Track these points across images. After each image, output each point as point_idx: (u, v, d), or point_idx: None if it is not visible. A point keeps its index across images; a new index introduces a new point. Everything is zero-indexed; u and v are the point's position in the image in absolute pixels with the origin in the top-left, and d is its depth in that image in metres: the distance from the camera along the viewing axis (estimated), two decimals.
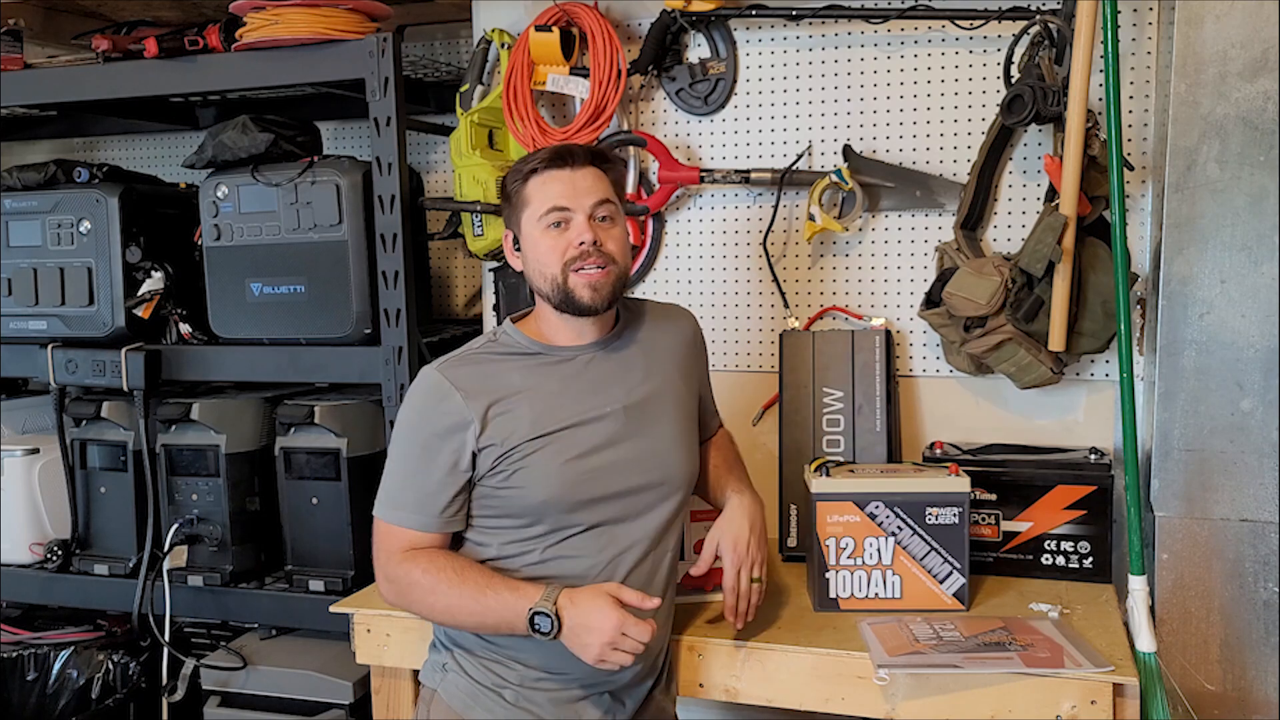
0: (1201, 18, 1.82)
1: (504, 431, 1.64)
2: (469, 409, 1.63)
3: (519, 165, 1.71)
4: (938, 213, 2.27)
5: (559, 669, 1.67)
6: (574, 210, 1.66)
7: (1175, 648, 1.90)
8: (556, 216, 1.66)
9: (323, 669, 2.35)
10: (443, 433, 1.64)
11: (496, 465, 1.64)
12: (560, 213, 1.66)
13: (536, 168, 1.68)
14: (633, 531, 1.70)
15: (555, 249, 1.66)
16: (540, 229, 1.67)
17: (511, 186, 1.71)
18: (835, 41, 2.30)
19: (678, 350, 1.83)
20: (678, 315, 1.89)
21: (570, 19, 2.33)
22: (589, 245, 1.65)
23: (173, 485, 2.46)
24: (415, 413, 1.68)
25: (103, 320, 2.47)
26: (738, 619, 1.79)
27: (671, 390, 1.78)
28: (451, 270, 2.88)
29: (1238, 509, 1.86)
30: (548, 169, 1.67)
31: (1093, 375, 2.20)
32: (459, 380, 1.65)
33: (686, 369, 1.84)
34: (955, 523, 1.89)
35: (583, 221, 1.66)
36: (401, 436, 1.69)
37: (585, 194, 1.67)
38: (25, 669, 2.58)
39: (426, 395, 1.67)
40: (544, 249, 1.67)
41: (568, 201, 1.66)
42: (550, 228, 1.66)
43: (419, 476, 1.65)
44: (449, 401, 1.64)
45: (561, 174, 1.67)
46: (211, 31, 2.36)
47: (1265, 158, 1.80)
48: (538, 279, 1.70)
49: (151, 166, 3.11)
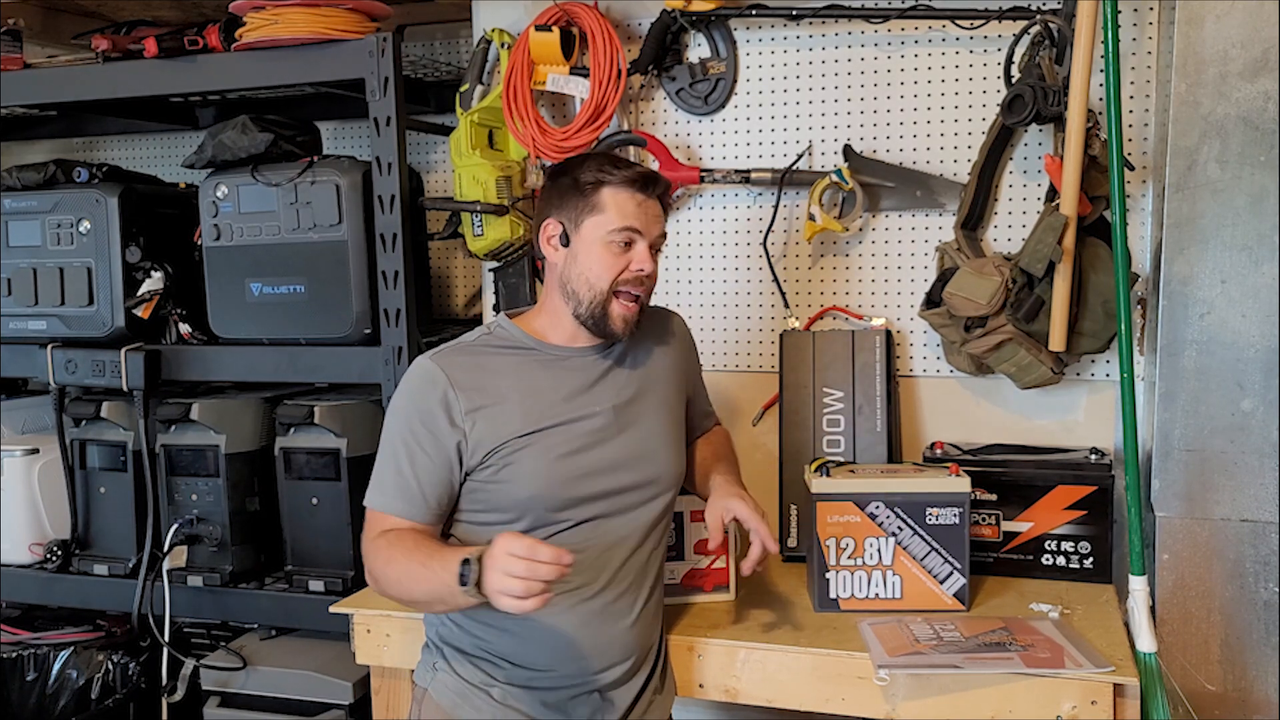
0: (1202, 18, 1.82)
1: (494, 425, 1.64)
2: (461, 400, 1.64)
3: (596, 168, 1.68)
4: (938, 213, 2.26)
5: (546, 667, 1.68)
6: (644, 236, 1.68)
7: (1176, 648, 1.90)
8: (628, 236, 1.67)
9: (322, 669, 2.35)
10: (434, 421, 1.64)
11: (486, 459, 1.64)
12: (632, 234, 1.68)
13: (620, 182, 1.67)
14: (620, 529, 1.70)
15: (614, 266, 1.67)
16: (604, 241, 1.67)
17: (585, 181, 1.67)
18: (835, 41, 2.30)
19: (667, 352, 1.84)
20: (666, 317, 1.90)
21: (570, 19, 2.33)
22: (644, 274, 1.68)
23: (172, 485, 2.46)
24: (407, 401, 1.68)
25: (102, 320, 2.47)
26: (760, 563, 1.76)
27: (660, 391, 1.79)
28: (451, 270, 2.88)
29: (1238, 509, 1.86)
30: (630, 187, 1.67)
31: (1093, 375, 2.20)
32: (452, 371, 1.66)
33: (675, 370, 1.85)
34: (955, 523, 1.89)
35: (645, 250, 1.69)
36: (393, 424, 1.69)
37: (654, 223, 1.70)
38: (25, 669, 2.58)
39: (419, 384, 1.67)
40: (603, 263, 1.67)
41: (642, 226, 1.68)
42: (616, 244, 1.67)
43: (408, 464, 1.65)
44: (441, 391, 1.64)
45: (639, 197, 1.68)
46: (211, 31, 2.36)
47: (1265, 158, 1.80)
48: (580, 285, 1.69)
49: (151, 166, 3.11)
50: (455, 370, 1.66)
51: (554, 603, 1.65)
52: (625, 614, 1.70)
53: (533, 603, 1.44)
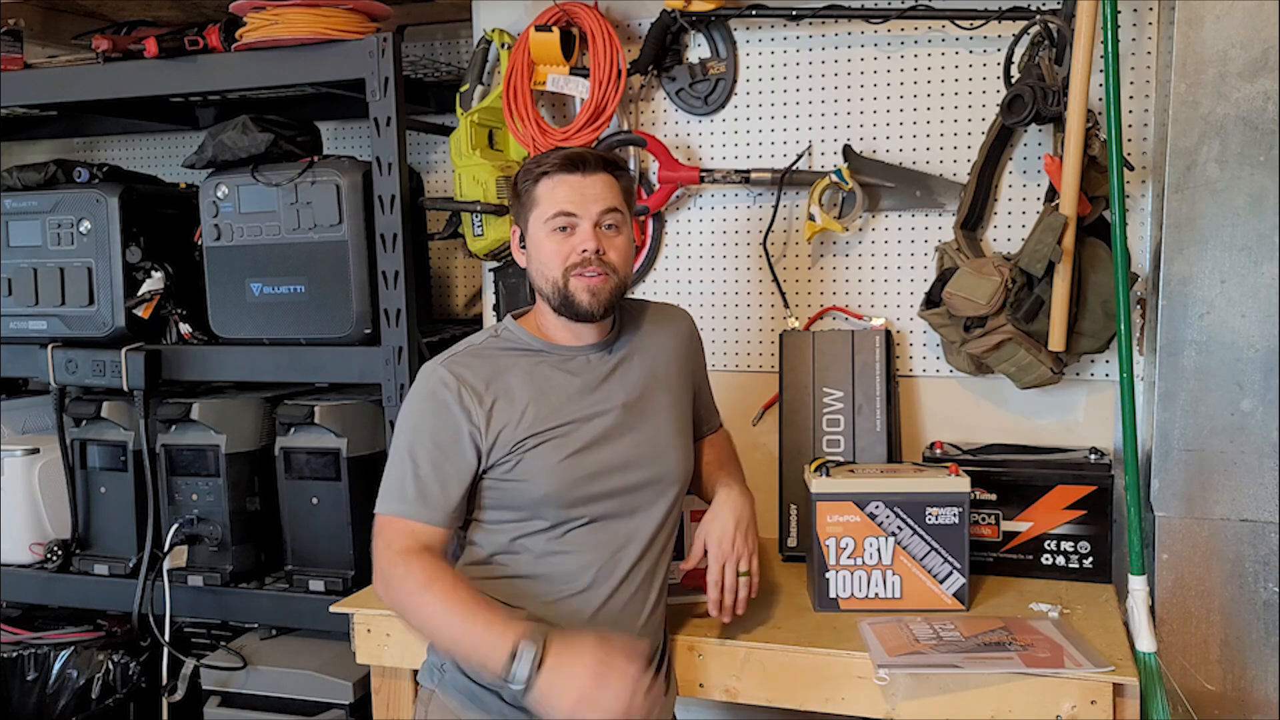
0: (1201, 18, 1.82)
1: (508, 425, 1.65)
2: (474, 404, 1.64)
3: (531, 164, 1.71)
4: (938, 213, 2.27)
5: None
6: (581, 217, 1.67)
7: (1175, 648, 1.90)
8: (563, 221, 1.67)
9: (323, 669, 2.35)
10: (449, 427, 1.64)
11: (500, 459, 1.65)
12: (567, 218, 1.66)
13: (548, 170, 1.68)
14: (631, 527, 1.71)
15: (558, 253, 1.67)
16: (545, 231, 1.68)
17: (522, 185, 1.71)
18: (835, 41, 2.30)
19: (675, 350, 1.84)
20: (675, 315, 1.90)
21: (570, 19, 2.33)
22: (591, 253, 1.66)
23: (173, 485, 2.46)
24: (420, 408, 1.68)
25: (103, 320, 2.47)
26: (723, 613, 1.79)
27: (669, 389, 1.79)
28: (451, 270, 2.88)
29: (1238, 509, 1.86)
30: (559, 172, 1.67)
31: (1093, 375, 2.20)
32: (464, 375, 1.66)
33: (683, 368, 1.85)
34: (955, 523, 1.89)
35: (588, 229, 1.66)
36: (406, 431, 1.69)
37: (594, 201, 1.67)
38: (25, 669, 2.58)
39: (431, 390, 1.67)
40: (548, 252, 1.68)
41: (575, 208, 1.66)
42: (555, 231, 1.67)
43: (425, 470, 1.65)
44: (454, 396, 1.64)
45: (572, 179, 1.67)
46: (211, 31, 2.36)
47: (1265, 158, 1.80)
48: (539, 279, 1.71)
49: (151, 166, 3.11)
50: (466, 373, 1.66)
51: (566, 606, 1.66)
52: (635, 617, 1.70)
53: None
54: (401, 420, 1.70)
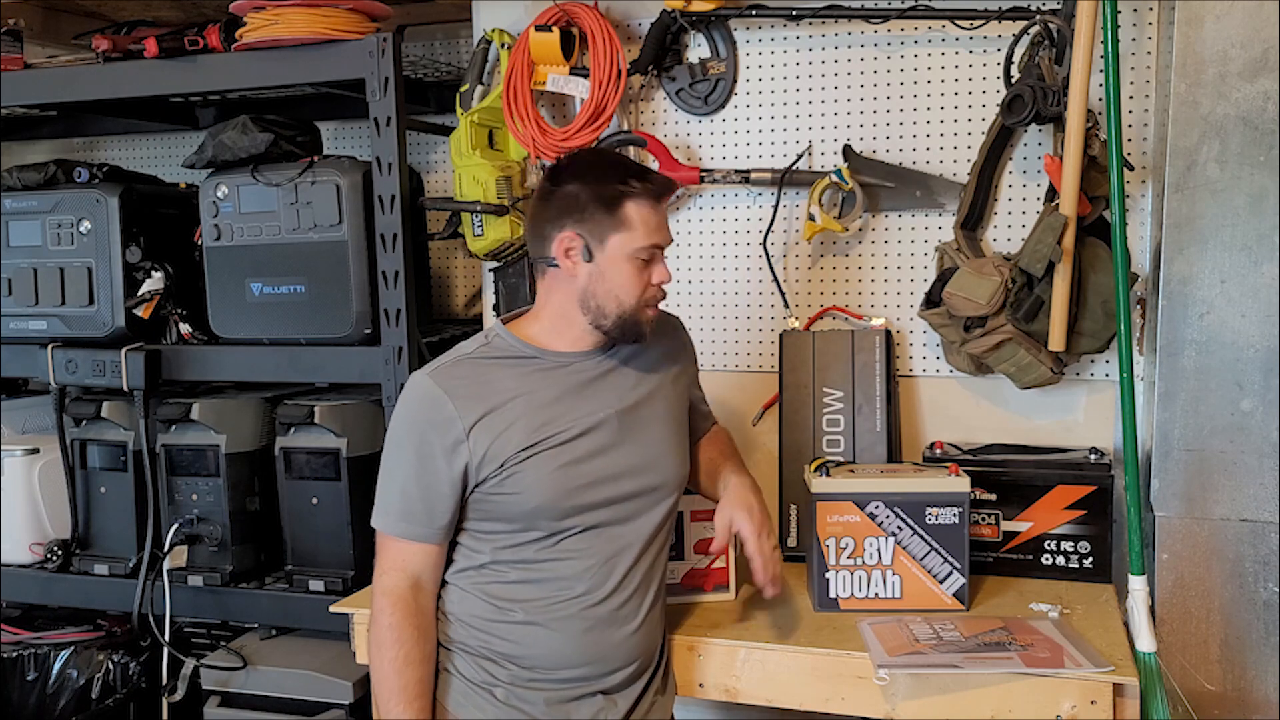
0: (1201, 18, 1.82)
1: (498, 437, 1.62)
2: (463, 416, 1.62)
3: (617, 179, 1.63)
4: (938, 213, 2.27)
5: (551, 668, 1.67)
6: (664, 250, 1.69)
7: (1175, 648, 1.90)
8: (652, 254, 1.67)
9: (323, 669, 2.35)
10: (437, 442, 1.62)
11: (490, 474, 1.63)
12: (658, 251, 1.68)
13: (641, 193, 1.64)
14: (627, 534, 1.70)
15: (639, 283, 1.67)
16: (629, 257, 1.65)
17: (608, 194, 1.62)
18: (835, 41, 2.30)
19: (669, 354, 1.84)
20: (666, 321, 1.88)
21: (570, 19, 2.33)
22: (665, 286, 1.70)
23: (173, 485, 2.46)
24: (408, 422, 1.66)
25: (103, 320, 2.47)
26: (772, 583, 1.78)
27: (663, 395, 1.78)
28: (451, 270, 2.88)
29: (1238, 509, 1.86)
30: (650, 199, 1.65)
31: (1093, 375, 2.20)
32: (451, 387, 1.64)
33: (676, 373, 1.84)
34: (955, 523, 1.89)
35: (663, 263, 1.69)
36: (395, 445, 1.68)
37: (669, 233, 1.71)
38: (25, 669, 2.58)
39: (419, 403, 1.65)
40: (627, 278, 1.65)
41: (663, 241, 1.68)
42: (639, 260, 1.66)
43: (416, 486, 1.64)
44: (442, 409, 1.62)
45: (660, 208, 1.68)
46: (211, 31, 2.36)
47: (1265, 158, 1.80)
48: (607, 302, 1.66)
49: (151, 166, 3.11)
50: (454, 384, 1.64)
51: (560, 610, 1.66)
52: (631, 619, 1.70)
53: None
54: (391, 431, 1.69)
